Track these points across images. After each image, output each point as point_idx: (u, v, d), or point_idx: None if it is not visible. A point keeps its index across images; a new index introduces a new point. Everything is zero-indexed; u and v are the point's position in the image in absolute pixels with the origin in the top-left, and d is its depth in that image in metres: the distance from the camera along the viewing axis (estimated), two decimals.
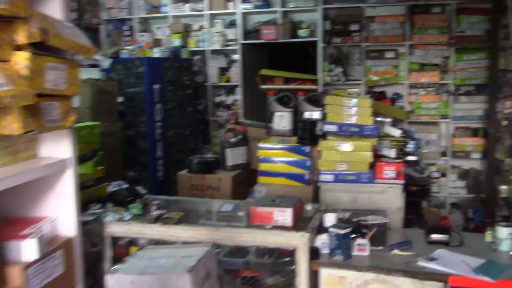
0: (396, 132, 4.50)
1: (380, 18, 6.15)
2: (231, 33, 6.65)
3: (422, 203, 6.12)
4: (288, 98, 4.36)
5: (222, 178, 4.28)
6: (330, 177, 3.95)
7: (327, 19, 6.31)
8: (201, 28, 6.81)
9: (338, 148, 3.93)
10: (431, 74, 6.11)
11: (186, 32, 6.81)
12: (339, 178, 3.93)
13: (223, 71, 6.85)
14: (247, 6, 6.53)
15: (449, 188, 6.27)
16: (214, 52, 6.79)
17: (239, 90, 6.72)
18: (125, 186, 3.50)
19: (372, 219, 3.20)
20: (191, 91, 6.01)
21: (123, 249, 3.14)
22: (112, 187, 3.48)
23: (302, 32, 6.39)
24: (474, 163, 6.28)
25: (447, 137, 6.27)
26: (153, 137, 5.41)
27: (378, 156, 4.17)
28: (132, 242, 3.15)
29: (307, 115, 4.22)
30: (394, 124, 5.74)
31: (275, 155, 4.13)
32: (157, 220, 3.05)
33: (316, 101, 4.28)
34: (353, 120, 3.91)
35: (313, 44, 6.48)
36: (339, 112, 3.93)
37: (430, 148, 6.21)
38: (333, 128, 3.95)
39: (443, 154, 6.26)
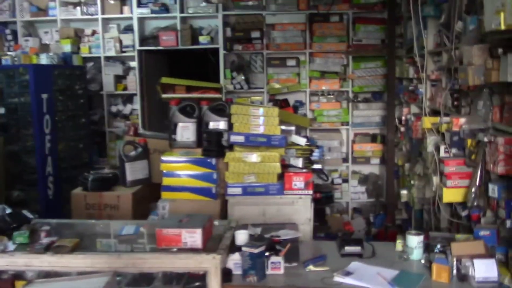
0: (301, 141, 4.44)
1: (280, 26, 6.12)
2: (127, 39, 6.28)
3: (325, 209, 6.20)
4: (191, 108, 4.13)
5: (121, 196, 3.95)
6: (238, 190, 3.78)
7: (227, 25, 6.17)
8: (94, 33, 6.37)
9: (246, 159, 3.78)
10: (331, 82, 6.19)
11: (77, 37, 6.33)
12: (247, 191, 3.77)
13: (120, 79, 6.45)
14: (144, 11, 6.21)
15: (351, 194, 6.37)
16: (109, 58, 6.38)
17: (137, 99, 6.36)
18: (8, 211, 3.07)
19: (284, 234, 3.07)
20: (84, 100, 5.56)
21: (6, 285, 2.72)
22: None
23: (202, 39, 6.19)
24: (373, 168, 6.45)
25: (348, 143, 6.38)
26: (41, 152, 4.91)
27: (285, 166, 4.08)
28: (18, 276, 2.75)
29: (212, 125, 4.03)
30: (297, 132, 5.74)
31: (179, 169, 3.87)
32: (47, 249, 2.67)
33: (221, 110, 4.10)
34: (260, 130, 3.78)
35: (214, 51, 6.31)
36: (245, 122, 3.78)
37: (332, 154, 6.27)
38: (240, 138, 3.78)
39: (345, 160, 6.36)
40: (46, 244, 2.70)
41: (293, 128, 5.32)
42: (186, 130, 4.06)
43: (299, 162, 4.14)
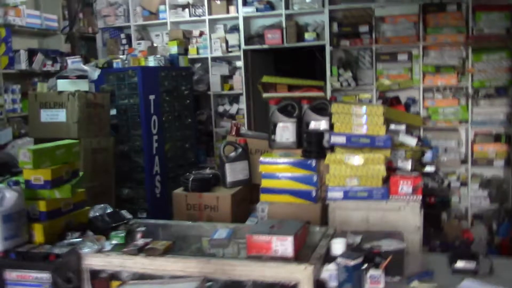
0: (412, 141, 4.13)
1: (391, 18, 5.75)
2: (233, 39, 6.30)
3: (441, 215, 5.72)
4: (291, 107, 3.97)
5: (221, 197, 3.89)
6: (339, 194, 3.55)
7: (334, 21, 5.93)
8: (201, 34, 6.48)
9: (348, 161, 3.53)
10: (447, 77, 5.69)
11: (186, 39, 6.48)
12: (349, 195, 3.52)
13: (226, 79, 6.49)
14: (249, 10, 6.18)
15: (471, 198, 5.82)
16: (216, 59, 6.44)
17: (243, 99, 6.35)
18: (109, 210, 3.13)
19: (387, 245, 2.78)
20: (190, 101, 5.64)
21: (103, 284, 2.76)
22: (94, 212, 3.11)
23: (308, 36, 6.01)
24: (497, 171, 5.85)
25: (467, 144, 5.84)
26: (149, 151, 5.05)
27: (392, 169, 3.78)
28: (114, 276, 2.77)
29: (312, 125, 3.84)
30: (409, 131, 5.35)
31: (278, 170, 3.73)
32: (140, 250, 2.67)
33: (322, 109, 3.89)
34: (363, 130, 3.51)
35: (321, 48, 6.10)
36: (347, 121, 3.54)
37: (449, 156, 5.78)
38: (341, 139, 3.55)
39: (463, 162, 5.83)
40: (140, 246, 2.70)
41: (403, 127, 4.96)
42: (285, 130, 3.91)
43: (408, 165, 3.82)
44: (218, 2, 6.29)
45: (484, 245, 5.58)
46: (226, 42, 6.31)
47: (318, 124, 3.83)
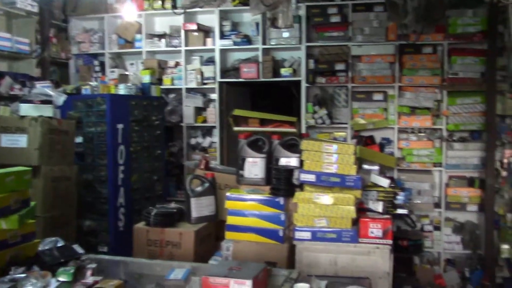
0: (384, 182, 4.04)
1: (367, 58, 5.72)
2: (208, 71, 6.21)
3: (413, 259, 5.58)
4: (262, 142, 3.85)
5: (184, 233, 3.70)
6: (307, 235, 3.42)
7: (311, 57, 5.89)
8: (177, 64, 6.38)
9: (317, 200, 3.41)
10: (422, 118, 5.65)
11: (161, 69, 6.37)
12: (317, 236, 3.39)
13: (200, 111, 6.37)
14: (226, 43, 6.12)
15: (443, 243, 5.71)
16: (191, 90, 6.32)
17: (216, 132, 6.22)
18: (60, 244, 2.92)
19: None
20: (161, 132, 5.48)
21: None
22: (44, 245, 2.90)
23: (284, 71, 5.96)
24: (470, 216, 5.76)
25: (441, 187, 5.77)
26: (114, 182, 4.84)
27: (363, 210, 3.67)
28: None
29: (282, 162, 3.72)
30: (382, 172, 5.26)
31: (245, 208, 3.59)
32: None
33: (293, 146, 3.78)
34: (334, 169, 3.40)
35: (297, 84, 6.04)
36: (317, 159, 3.42)
37: (422, 198, 5.68)
38: (310, 177, 3.43)
39: (437, 205, 5.74)
40: (88, 285, 2.51)
41: (376, 167, 4.89)
42: (254, 166, 3.78)
43: (379, 206, 3.72)
44: (195, 34, 6.23)
45: None
46: (202, 74, 6.22)
47: (288, 160, 3.71)
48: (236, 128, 4.17)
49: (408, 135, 5.75)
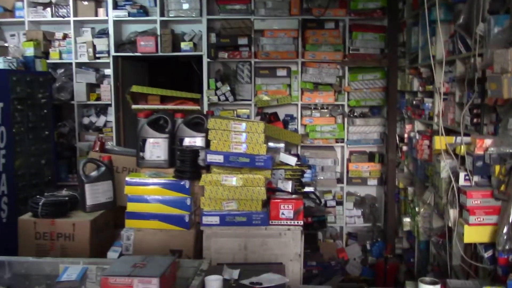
0: (292, 161, 3.95)
1: (270, 32, 5.56)
2: (101, 44, 5.70)
3: (318, 235, 5.60)
4: (164, 121, 3.55)
5: (78, 224, 3.33)
6: (215, 219, 3.21)
7: (212, 31, 5.61)
8: (65, 37, 5.79)
9: (225, 183, 3.20)
10: (325, 94, 5.64)
11: (47, 41, 5.75)
12: (226, 220, 3.20)
13: (93, 87, 5.86)
14: (120, 14, 5.64)
15: (346, 218, 5.79)
16: (82, 65, 5.79)
17: (112, 111, 5.77)
18: None
19: (267, 280, 2.48)
20: (48, 111, 4.93)
21: None
22: None
23: (184, 45, 5.63)
24: (370, 190, 5.90)
25: (343, 163, 5.83)
26: None
27: (272, 190, 3.52)
28: None
29: (187, 142, 3.46)
30: (287, 149, 5.18)
31: (147, 193, 3.30)
32: None
33: (198, 125, 3.53)
34: (243, 148, 3.20)
35: (198, 59, 5.75)
36: (225, 139, 3.21)
37: (325, 174, 5.70)
38: (218, 158, 3.21)
39: (339, 180, 5.79)
40: None
41: (282, 145, 4.77)
42: (156, 147, 3.48)
43: (289, 186, 3.60)
44: (85, 3, 5.68)
45: (358, 265, 5.57)
46: (94, 47, 5.70)
47: (193, 140, 3.46)
48: (134, 106, 3.82)
49: (311, 111, 5.71)
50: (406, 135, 4.70)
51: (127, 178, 3.34)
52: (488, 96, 2.46)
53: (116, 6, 5.68)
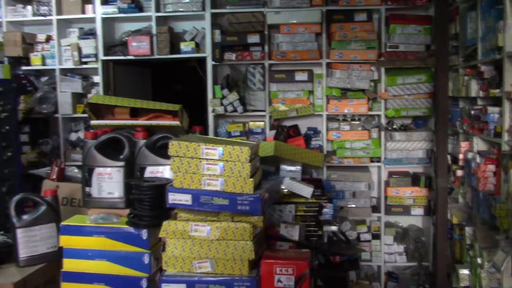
0: (307, 192, 3.00)
1: (287, 27, 4.54)
2: (88, 46, 4.82)
3: (348, 276, 4.54)
4: (120, 143, 2.58)
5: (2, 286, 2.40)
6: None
7: (217, 28, 4.63)
8: (48, 39, 4.96)
9: (195, 234, 2.20)
10: (356, 103, 4.57)
11: (28, 44, 4.94)
12: None
13: (81, 98, 4.99)
14: (109, 10, 4.75)
15: (384, 255, 4.68)
16: (68, 72, 4.93)
17: None
18: None
19: None
20: (11, 127, 4.03)
21: None
22: None
23: (185, 46, 4.69)
24: (415, 220, 4.78)
25: (379, 187, 4.73)
26: None
27: (274, 238, 2.54)
28: None
29: (149, 173, 2.48)
30: (306, 171, 4.18)
31: (88, 245, 2.34)
32: None
33: (166, 148, 2.54)
34: (219, 184, 2.18)
35: (202, 62, 4.81)
36: (194, 170, 2.20)
37: (357, 201, 4.62)
38: (184, 199, 2.22)
39: (375, 209, 4.69)
40: None
41: (299, 168, 3.79)
42: (107, 180, 2.52)
43: (296, 232, 2.62)
44: None
45: None
46: (79, 50, 4.83)
47: (158, 170, 2.49)
48: (93, 122, 2.89)
49: (339, 123, 4.65)
50: (461, 156, 3.59)
51: (62, 224, 2.40)
52: None
53: (105, 2, 4.80)
